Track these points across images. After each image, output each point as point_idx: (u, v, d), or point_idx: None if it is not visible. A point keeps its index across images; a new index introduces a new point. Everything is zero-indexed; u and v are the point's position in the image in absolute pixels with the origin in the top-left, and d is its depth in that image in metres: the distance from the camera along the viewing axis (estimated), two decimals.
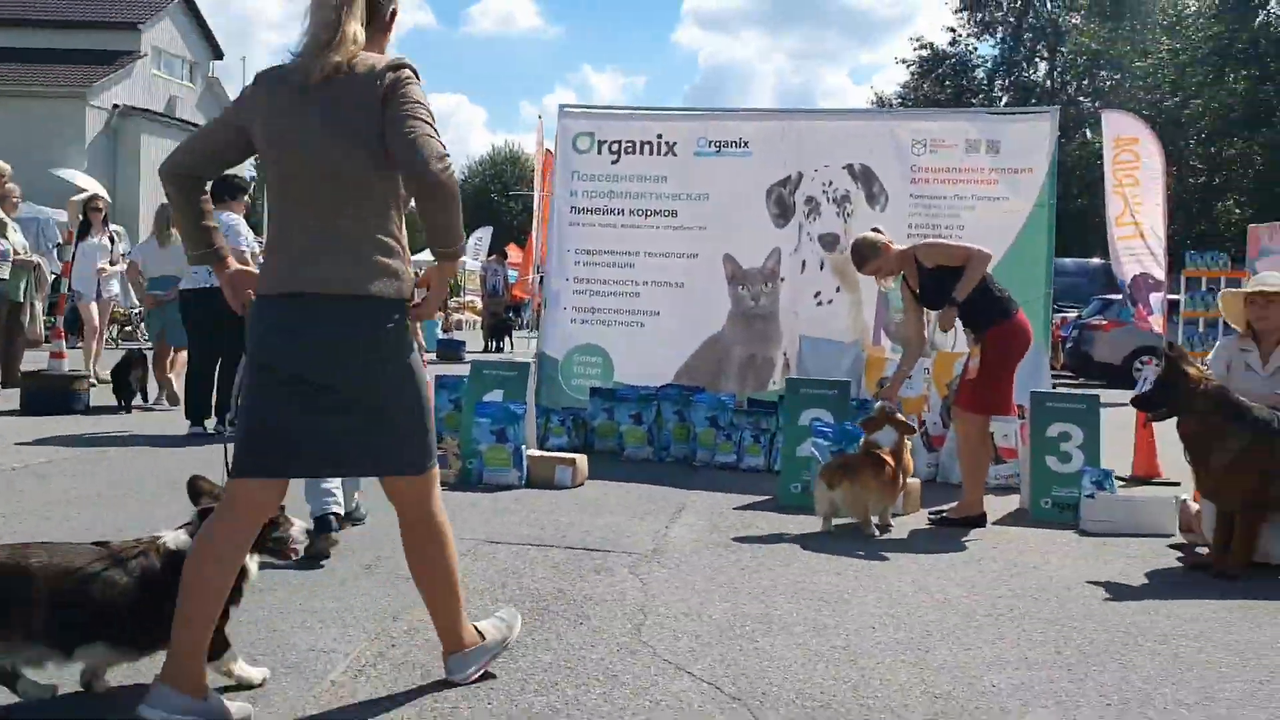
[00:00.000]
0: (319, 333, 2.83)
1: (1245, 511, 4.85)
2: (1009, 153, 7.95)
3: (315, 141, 2.82)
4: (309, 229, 2.86)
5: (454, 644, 3.15)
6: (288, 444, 2.86)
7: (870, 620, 3.97)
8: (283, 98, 2.87)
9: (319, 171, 2.83)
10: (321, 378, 2.84)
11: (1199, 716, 3.12)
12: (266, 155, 2.91)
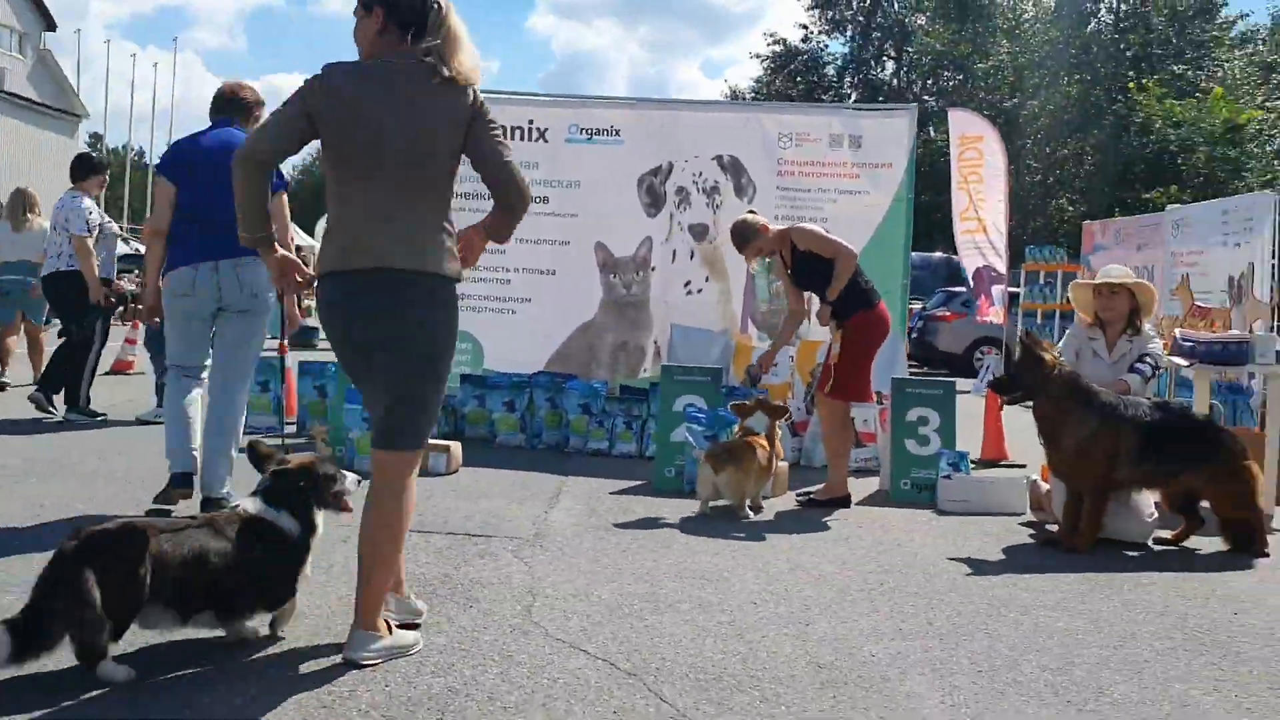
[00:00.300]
0: (396, 304, 3.16)
1: (1093, 491, 5.18)
2: (870, 148, 8.25)
3: (412, 133, 3.16)
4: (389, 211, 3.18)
5: (368, 622, 3.21)
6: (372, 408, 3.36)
7: (751, 597, 4.11)
8: (374, 92, 3.16)
9: (409, 161, 3.17)
10: (393, 344, 3.18)
11: (1062, 679, 3.35)
12: (341, 141, 3.17)
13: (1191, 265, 11.57)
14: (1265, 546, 5.29)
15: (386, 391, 3.26)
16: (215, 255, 4.99)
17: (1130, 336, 5.81)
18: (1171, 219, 12.62)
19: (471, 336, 8.41)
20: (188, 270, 5.02)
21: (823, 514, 5.86)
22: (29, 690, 2.83)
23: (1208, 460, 5.25)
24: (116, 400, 8.77)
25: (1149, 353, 5.75)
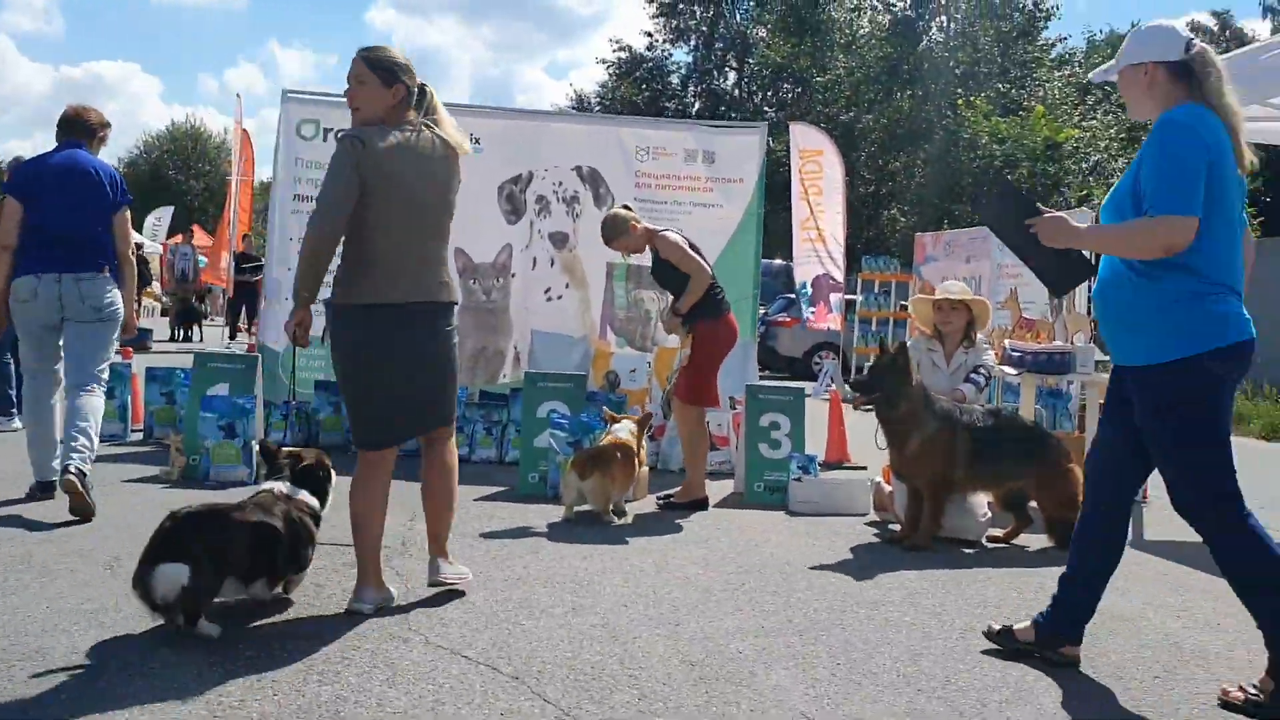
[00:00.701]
0: (433, 328, 3.97)
1: (932, 491, 5.54)
2: (723, 163, 8.55)
3: (434, 189, 3.96)
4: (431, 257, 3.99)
5: (440, 551, 4.19)
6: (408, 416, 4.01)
7: (622, 599, 4.27)
8: (414, 163, 3.88)
9: (438, 213, 4.00)
10: (433, 361, 3.98)
11: (912, 670, 3.62)
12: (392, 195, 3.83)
13: (1015, 277, 12.30)
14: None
15: (425, 391, 4.00)
16: (58, 268, 5.44)
17: (966, 348, 6.23)
18: None
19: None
20: (30, 279, 5.43)
21: (682, 516, 6.08)
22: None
23: (1035, 463, 5.68)
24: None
25: (983, 364, 6.18)
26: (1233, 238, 3.44)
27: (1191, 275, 3.37)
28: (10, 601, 3.77)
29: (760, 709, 3.18)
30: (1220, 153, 3.35)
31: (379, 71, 3.92)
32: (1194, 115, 3.38)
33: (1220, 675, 3.73)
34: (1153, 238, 3.32)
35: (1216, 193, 3.34)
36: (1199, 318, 3.37)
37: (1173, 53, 3.51)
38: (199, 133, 59.97)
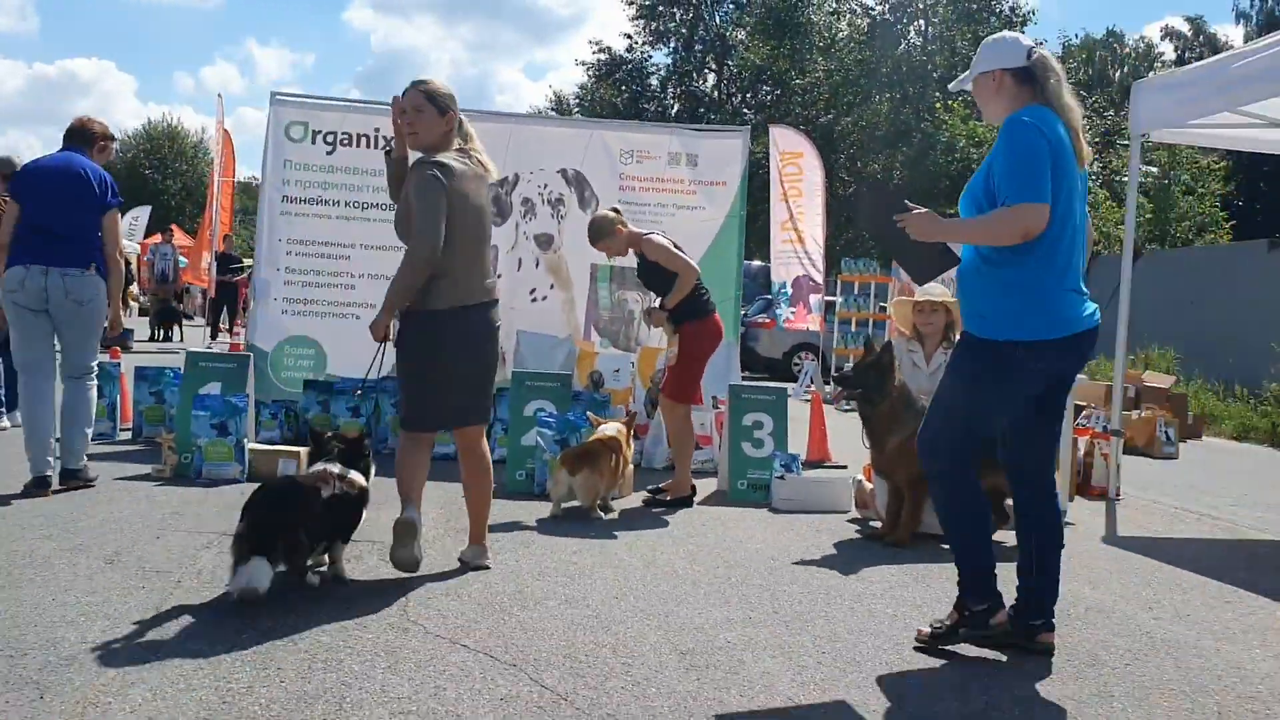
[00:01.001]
0: (486, 323, 4.53)
1: (912, 488, 5.68)
2: (706, 166, 8.68)
3: (484, 207, 4.54)
4: (486, 263, 4.60)
5: (477, 538, 4.72)
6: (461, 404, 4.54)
7: (612, 592, 4.40)
8: (473, 186, 4.46)
9: (488, 229, 4.62)
10: (492, 355, 4.59)
11: (894, 658, 3.76)
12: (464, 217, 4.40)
13: None
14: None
15: (471, 390, 4.55)
16: (46, 262, 5.72)
17: (946, 349, 6.37)
18: None
19: (314, 341, 8.43)
20: (19, 269, 5.75)
21: (668, 513, 6.20)
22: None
23: None
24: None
25: None
26: (1073, 232, 3.74)
27: (1032, 267, 3.67)
28: (17, 594, 3.86)
29: (749, 694, 3.31)
30: (1060, 149, 3.65)
31: (436, 102, 4.44)
32: (1036, 115, 3.69)
33: (1187, 663, 3.89)
34: (1012, 225, 3.60)
35: (1054, 187, 3.62)
36: (1022, 306, 3.70)
37: (1017, 60, 3.84)
38: (176, 131, 59.63)
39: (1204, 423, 13.84)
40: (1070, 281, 3.74)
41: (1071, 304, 3.73)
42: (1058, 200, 3.63)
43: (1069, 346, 3.73)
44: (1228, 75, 6.76)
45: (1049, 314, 3.70)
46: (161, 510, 5.44)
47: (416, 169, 4.39)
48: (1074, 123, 3.77)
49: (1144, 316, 18.30)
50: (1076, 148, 3.74)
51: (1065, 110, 3.76)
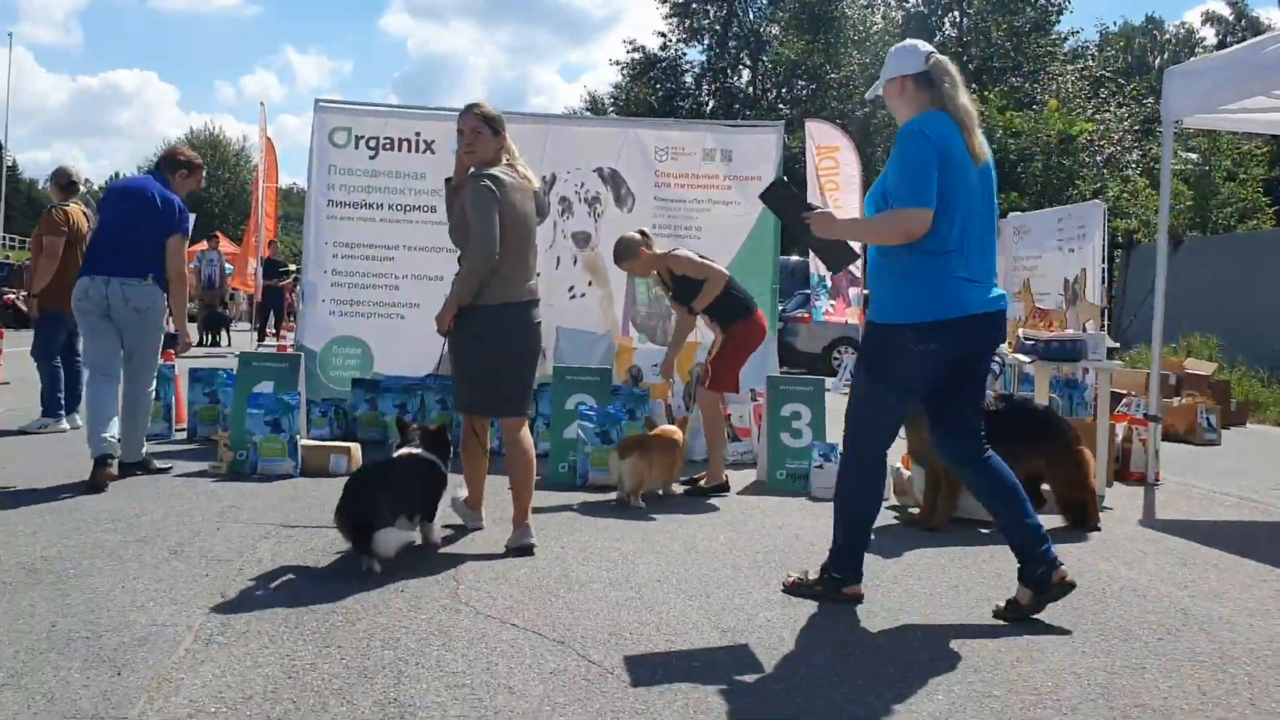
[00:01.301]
0: (531, 318, 5.03)
1: (949, 473, 5.77)
2: (740, 161, 8.79)
3: (529, 216, 5.04)
4: (529, 266, 5.06)
5: (519, 521, 4.95)
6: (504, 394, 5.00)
7: (655, 575, 4.54)
8: (519, 196, 4.96)
9: (532, 235, 5.09)
10: (532, 348, 5.07)
11: (931, 634, 3.87)
12: (512, 224, 4.88)
13: (1031, 269, 12.51)
14: (1097, 522, 5.98)
15: (522, 375, 5.05)
16: (108, 273, 6.16)
17: None
18: (1013, 225, 13.58)
19: (361, 341, 8.63)
20: (85, 280, 6.21)
21: (707, 501, 6.34)
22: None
23: (1046, 445, 5.92)
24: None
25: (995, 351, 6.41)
26: (966, 223, 4.00)
27: (918, 254, 3.98)
28: (89, 583, 4.06)
29: (790, 667, 3.44)
30: (950, 151, 3.95)
31: (491, 124, 4.98)
32: (926, 122, 4.01)
33: (1220, 636, 3.96)
34: (895, 228, 3.98)
35: (946, 185, 3.92)
36: (911, 292, 4.01)
37: (917, 66, 4.14)
38: (218, 140, 60.60)
39: (1249, 410, 13.75)
40: (961, 269, 4.00)
41: (961, 289, 4.00)
42: (948, 198, 3.92)
43: (959, 328, 3.99)
44: (1260, 60, 6.78)
45: (935, 299, 3.97)
46: (220, 504, 5.65)
47: (471, 182, 4.88)
48: (968, 123, 4.03)
49: (1186, 304, 18.19)
50: (970, 146, 4.00)
51: (959, 111, 4.04)
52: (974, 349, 4.15)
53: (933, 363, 4.05)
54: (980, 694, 3.26)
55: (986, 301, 4.06)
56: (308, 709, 2.93)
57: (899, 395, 4.17)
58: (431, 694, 3.08)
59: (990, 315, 4.08)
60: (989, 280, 4.12)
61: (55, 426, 8.19)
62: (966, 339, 4.06)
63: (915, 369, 4.06)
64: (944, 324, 3.98)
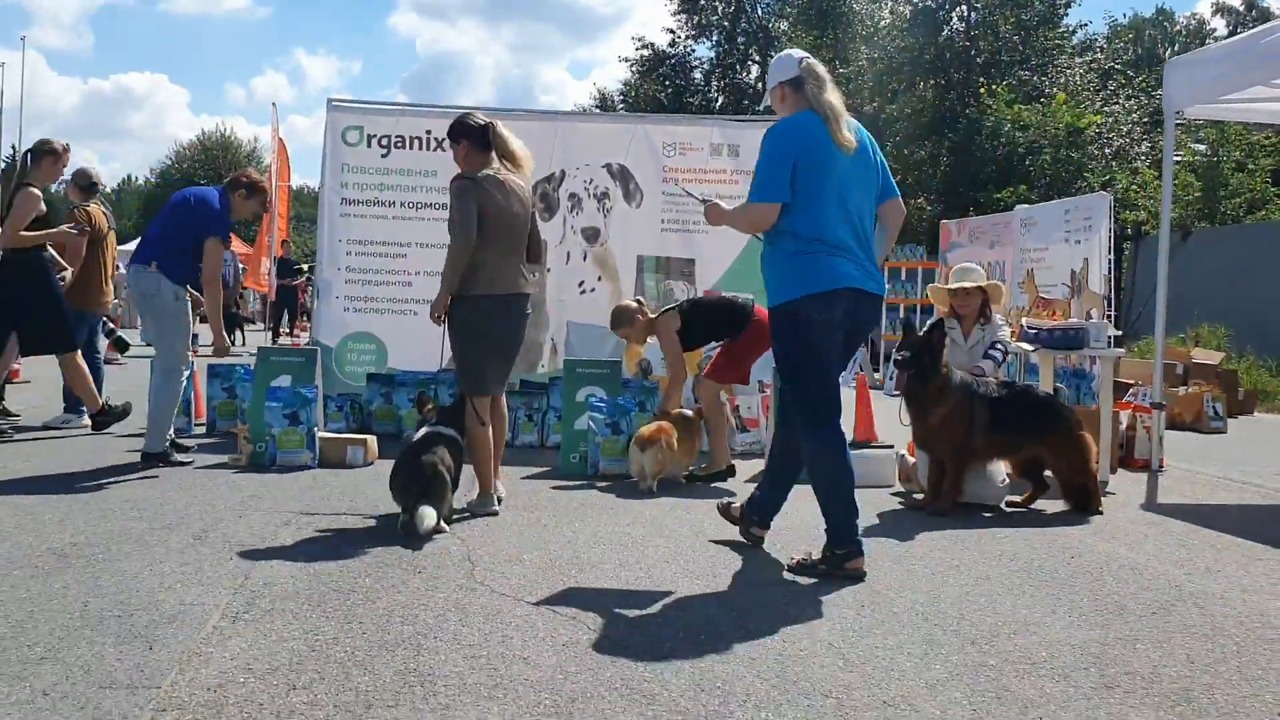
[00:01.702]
0: (520, 309, 5.58)
1: (954, 458, 5.90)
2: (747, 155, 8.88)
3: (518, 216, 5.49)
4: (518, 260, 5.57)
5: (484, 488, 5.54)
6: (497, 376, 5.62)
7: (663, 557, 4.67)
8: (503, 195, 5.43)
9: (521, 232, 5.54)
10: (507, 337, 5.56)
11: (929, 610, 4.00)
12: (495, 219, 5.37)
13: (1038, 261, 12.59)
14: (1099, 506, 6.09)
15: (507, 358, 5.65)
16: (132, 261, 6.54)
17: (982, 325, 6.59)
18: (1019, 218, 13.66)
19: (375, 337, 8.77)
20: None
21: (713, 487, 6.48)
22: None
23: (1049, 431, 6.03)
24: (22, 407, 8.85)
25: (999, 340, 6.54)
26: (836, 209, 4.43)
27: (793, 238, 4.43)
28: (119, 567, 4.21)
29: (792, 641, 3.57)
30: (811, 146, 4.39)
31: (472, 136, 5.47)
32: (788, 122, 4.50)
33: (1212, 610, 4.08)
34: (745, 219, 4.66)
35: (806, 175, 4.38)
36: (794, 271, 4.44)
37: (790, 72, 4.59)
38: (229, 141, 60.85)
39: (1256, 399, 13.81)
40: (836, 249, 4.42)
41: (837, 264, 4.42)
42: (815, 188, 4.39)
43: (848, 297, 4.43)
44: (1260, 50, 6.88)
45: (818, 273, 4.40)
46: (241, 494, 5.81)
47: (454, 182, 5.44)
48: (832, 117, 4.44)
49: (1195, 294, 18.26)
50: (836, 138, 4.41)
51: (824, 108, 4.47)
52: (860, 325, 4.62)
53: (835, 330, 4.47)
54: (976, 664, 3.39)
55: (868, 280, 4.50)
56: (331, 679, 3.07)
57: (820, 366, 4.51)
58: (450, 664, 3.22)
59: (873, 296, 4.55)
60: (870, 262, 4.55)
61: (78, 422, 8.35)
62: (855, 313, 4.50)
63: (823, 337, 4.46)
64: (834, 293, 4.40)
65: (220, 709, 2.83)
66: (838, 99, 4.53)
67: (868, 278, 4.50)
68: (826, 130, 4.40)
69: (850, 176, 4.47)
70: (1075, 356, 11.02)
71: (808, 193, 4.39)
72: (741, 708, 2.95)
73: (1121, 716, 2.98)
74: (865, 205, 4.56)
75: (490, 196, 5.36)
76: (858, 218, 4.52)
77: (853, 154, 4.46)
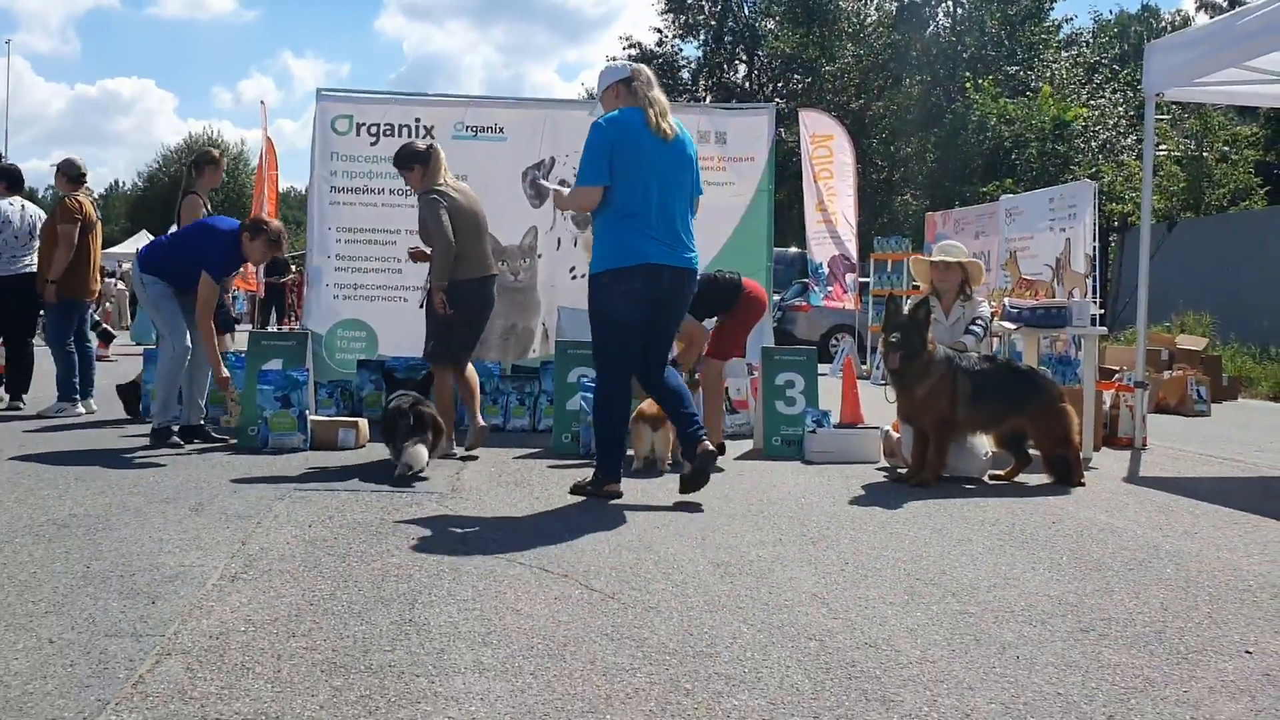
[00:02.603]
0: (489, 289, 6.67)
1: (937, 431, 6.00)
2: (734, 143, 9.02)
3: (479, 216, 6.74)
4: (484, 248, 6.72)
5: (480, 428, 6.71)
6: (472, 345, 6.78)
7: (653, 523, 4.77)
8: (461, 198, 6.60)
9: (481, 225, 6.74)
10: (484, 313, 6.72)
11: (912, 568, 4.10)
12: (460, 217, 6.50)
13: (1023, 250, 12.73)
14: (1081, 477, 6.19)
15: (473, 331, 6.73)
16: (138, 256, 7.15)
17: (962, 302, 6.70)
18: (1005, 207, 13.79)
19: (365, 324, 8.86)
20: None
21: None
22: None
23: (1030, 402, 6.13)
24: None
25: (979, 315, 6.65)
26: (647, 191, 5.13)
27: (608, 217, 5.17)
28: (118, 535, 4.28)
29: (777, 593, 3.67)
30: (626, 135, 5.12)
31: (417, 160, 6.60)
32: (608, 118, 5.22)
33: (1187, 566, 4.19)
34: (572, 201, 5.49)
35: (621, 162, 5.11)
36: (604, 246, 5.21)
37: (624, 74, 5.36)
38: (215, 144, 60.67)
39: (1240, 384, 13.97)
40: (643, 228, 5.13)
41: (643, 243, 5.13)
42: (631, 173, 5.11)
43: (646, 273, 5.12)
44: (1235, 31, 7.01)
45: (623, 250, 5.13)
46: (236, 471, 5.89)
47: (421, 199, 6.52)
48: (650, 110, 5.17)
49: (1180, 284, 18.43)
50: (657, 129, 5.15)
51: (646, 102, 5.20)
52: (665, 294, 5.23)
53: (634, 301, 5.16)
54: (956, 612, 3.49)
55: (669, 255, 5.17)
56: (329, 628, 3.16)
57: (618, 330, 5.23)
58: (444, 615, 3.31)
59: (675, 269, 5.20)
60: (673, 239, 5.21)
61: (71, 411, 8.41)
62: (657, 284, 5.17)
63: (622, 307, 5.18)
64: (632, 269, 5.12)
65: (223, 653, 2.91)
66: (663, 97, 5.29)
67: (670, 254, 5.18)
68: (644, 120, 5.13)
69: (665, 162, 5.17)
70: (1060, 343, 11.18)
71: (623, 177, 5.11)
72: (728, 649, 3.05)
73: (1095, 655, 3.08)
74: (676, 189, 5.23)
75: (453, 199, 6.47)
76: (670, 200, 5.19)
77: (670, 142, 5.18)
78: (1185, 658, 3.08)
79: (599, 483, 5.35)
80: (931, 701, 2.70)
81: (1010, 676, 2.89)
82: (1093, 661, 3.02)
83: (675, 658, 2.97)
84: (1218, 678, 2.92)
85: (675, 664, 2.92)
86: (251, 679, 2.74)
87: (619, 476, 5.38)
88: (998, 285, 11.29)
